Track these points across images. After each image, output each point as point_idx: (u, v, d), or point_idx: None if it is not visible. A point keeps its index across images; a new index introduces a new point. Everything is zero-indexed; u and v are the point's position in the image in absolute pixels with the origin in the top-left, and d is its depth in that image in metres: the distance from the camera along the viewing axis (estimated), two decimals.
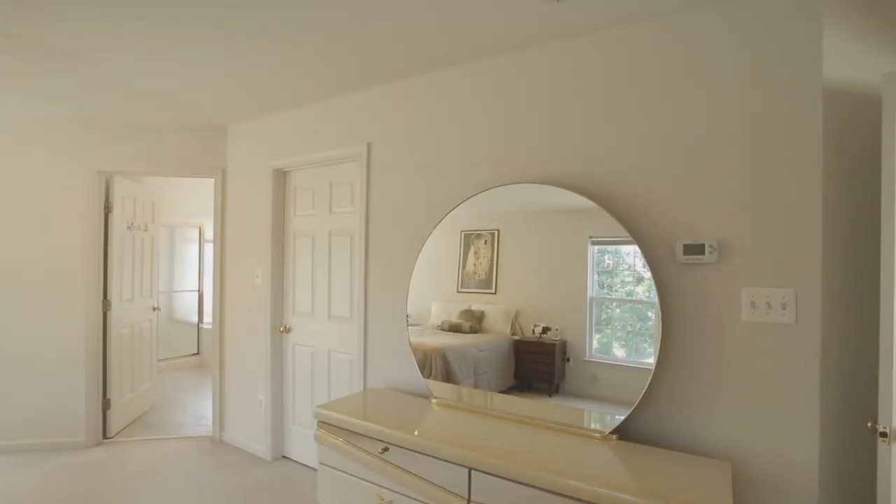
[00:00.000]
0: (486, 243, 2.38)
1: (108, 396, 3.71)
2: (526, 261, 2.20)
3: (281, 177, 3.35)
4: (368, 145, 2.77)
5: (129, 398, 3.97)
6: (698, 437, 1.79)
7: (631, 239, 1.89)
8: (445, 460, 1.78)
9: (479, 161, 2.36)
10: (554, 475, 1.53)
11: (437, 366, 2.41)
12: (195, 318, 6.11)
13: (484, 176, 2.34)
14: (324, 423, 2.22)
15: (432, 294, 2.50)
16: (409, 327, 2.53)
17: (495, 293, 2.30)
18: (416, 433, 1.90)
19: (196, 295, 6.14)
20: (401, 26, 2.06)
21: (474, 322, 2.40)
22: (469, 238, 2.45)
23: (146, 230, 4.19)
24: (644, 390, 1.81)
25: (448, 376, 2.39)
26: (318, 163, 3.08)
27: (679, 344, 1.83)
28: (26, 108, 3.29)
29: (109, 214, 3.67)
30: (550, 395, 2.12)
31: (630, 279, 1.94)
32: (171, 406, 4.55)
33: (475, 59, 2.37)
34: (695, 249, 1.76)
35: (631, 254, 1.93)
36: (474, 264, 2.42)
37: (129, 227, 3.90)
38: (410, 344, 2.47)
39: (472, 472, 1.72)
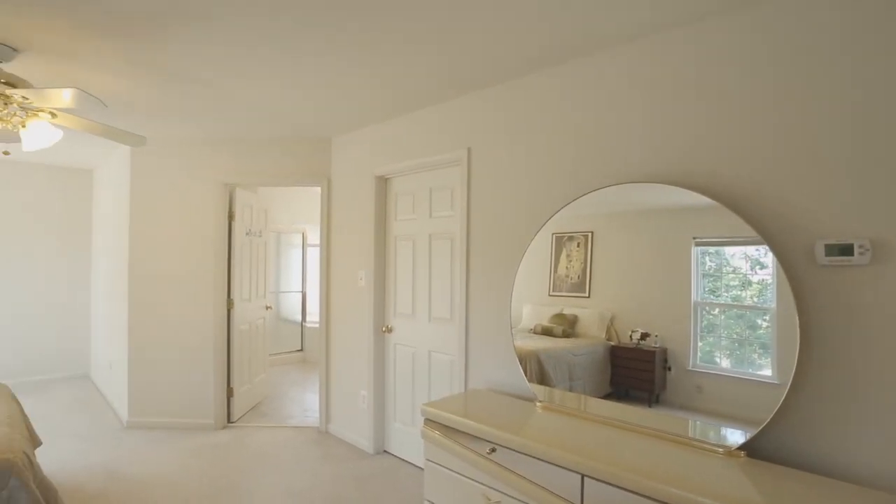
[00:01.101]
0: (578, 246, 2.33)
1: (231, 385, 4.11)
2: (622, 263, 2.12)
3: (382, 183, 3.51)
4: (468, 150, 2.82)
5: (247, 388, 4.36)
6: (849, 463, 1.60)
7: (749, 239, 1.75)
8: (556, 465, 1.76)
9: (582, 162, 2.32)
10: (682, 490, 1.45)
11: (531, 369, 2.40)
12: (299, 317, 6.59)
13: (588, 177, 2.29)
14: (430, 421, 2.29)
15: (524, 297, 2.49)
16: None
17: (588, 297, 2.25)
18: (524, 435, 1.90)
19: (300, 296, 6.61)
20: (502, 28, 2.08)
21: (566, 326, 2.36)
22: (560, 241, 2.41)
23: (260, 236, 4.59)
24: (778, 406, 1.66)
25: (542, 379, 2.37)
26: (419, 169, 3.19)
27: (822, 355, 1.66)
28: (168, 131, 3.75)
29: (232, 222, 4.08)
30: (650, 405, 2.02)
31: (736, 283, 1.81)
32: (280, 397, 4.93)
33: (578, 57, 2.33)
34: (840, 250, 1.59)
35: (737, 255, 1.79)
36: (566, 267, 2.38)
37: (247, 234, 4.30)
38: (515, 347, 2.47)
39: (586, 478, 1.68)
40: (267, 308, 4.77)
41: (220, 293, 3.99)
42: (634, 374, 2.09)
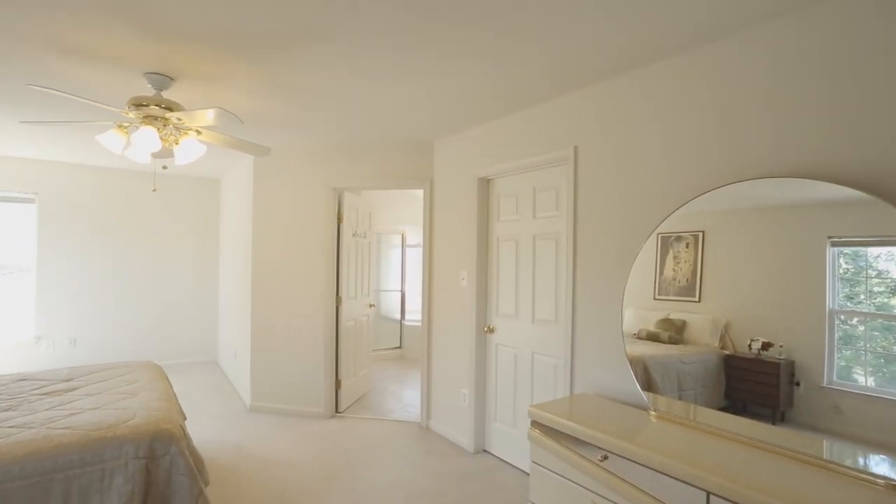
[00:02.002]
0: (687, 246, 2.18)
1: (339, 378, 4.39)
2: (738, 266, 1.94)
3: (485, 185, 3.55)
4: (575, 149, 2.75)
5: (352, 381, 4.63)
6: None
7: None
8: (678, 479, 1.66)
9: (700, 158, 2.16)
10: None
11: (637, 375, 2.29)
12: (398, 316, 6.86)
13: (707, 174, 2.13)
14: (537, 424, 2.27)
15: (626, 300, 2.39)
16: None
17: (699, 301, 2.09)
18: (640, 444, 1.81)
19: (399, 294, 6.88)
20: (610, 23, 2.01)
21: (674, 332, 2.22)
22: (667, 241, 2.27)
23: (365, 237, 4.85)
24: None
25: (649, 387, 2.26)
26: (522, 169, 3.18)
27: None
28: (287, 141, 4.10)
29: (340, 224, 4.35)
30: (774, 423, 1.83)
31: (882, 289, 1.58)
32: (381, 392, 5.16)
33: (695, 46, 2.18)
34: None
35: (882, 257, 1.56)
36: (673, 269, 2.23)
37: (353, 235, 4.57)
38: (626, 352, 2.37)
39: (711, 496, 1.57)
40: (370, 306, 5.02)
41: (330, 291, 4.28)
42: (754, 387, 1.92)
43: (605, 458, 1.93)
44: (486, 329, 3.50)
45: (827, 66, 1.78)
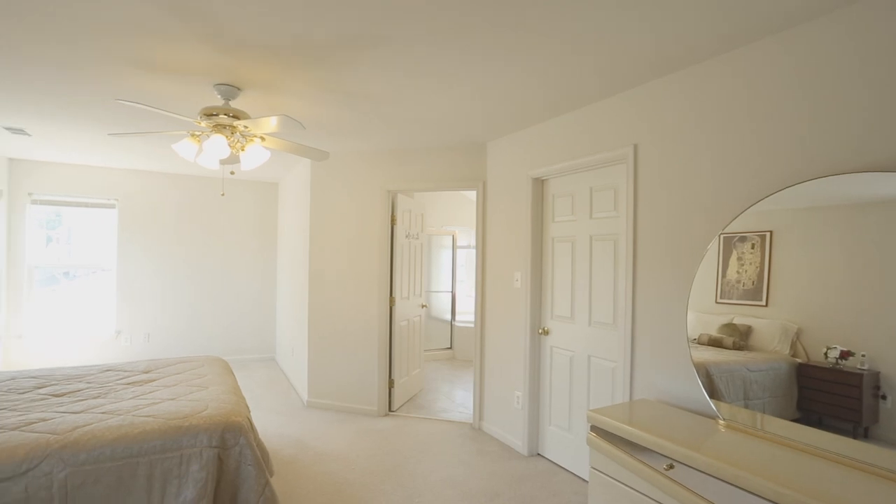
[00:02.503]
0: (753, 247, 2.06)
1: (392, 377, 4.47)
2: (815, 267, 1.81)
3: (539, 185, 3.51)
4: (635, 147, 2.67)
5: (405, 380, 4.70)
6: None
7: None
8: (754, 493, 1.57)
9: (773, 154, 2.04)
10: None
11: (700, 382, 2.19)
12: (448, 316, 6.90)
13: (781, 170, 2.01)
14: (597, 429, 2.21)
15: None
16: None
17: (766, 306, 1.98)
18: (710, 454, 1.73)
19: (449, 295, 6.92)
20: (671, 14, 1.93)
21: (738, 337, 2.10)
22: (730, 242, 2.15)
23: (417, 238, 4.92)
24: None
25: (712, 394, 2.16)
26: (577, 169, 3.12)
27: None
28: (343, 145, 4.22)
29: (394, 225, 4.43)
30: (855, 437, 1.69)
31: None
32: (433, 392, 5.21)
33: (770, 35, 2.06)
34: None
35: None
36: (737, 272, 2.12)
37: (406, 236, 4.64)
38: (692, 358, 2.27)
39: None
40: (422, 306, 5.08)
41: (384, 291, 4.36)
42: (832, 399, 1.78)
43: (671, 467, 1.86)
44: (540, 331, 3.46)
45: None
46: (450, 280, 6.95)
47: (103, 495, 2.02)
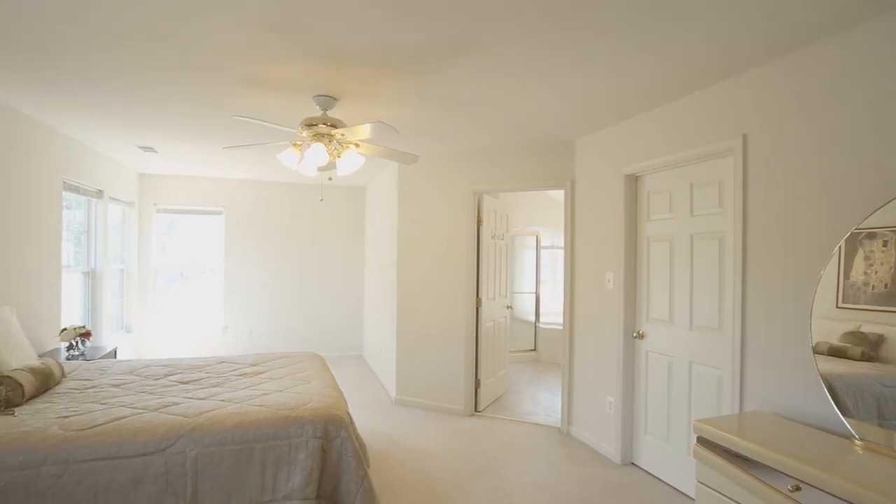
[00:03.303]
0: (885, 245, 1.81)
1: (478, 377, 4.49)
2: None
3: (632, 182, 3.35)
4: (744, 137, 2.46)
5: (491, 381, 4.70)
6: None
7: None
8: None
9: None
10: None
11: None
12: (532, 318, 6.80)
13: None
14: (705, 441, 2.07)
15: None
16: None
17: None
18: (847, 478, 1.55)
19: (533, 296, 6.83)
20: None
21: (867, 347, 1.86)
22: (854, 239, 1.91)
23: (503, 239, 4.90)
24: None
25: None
26: (675, 164, 2.94)
27: None
28: (430, 147, 4.31)
29: (480, 226, 4.45)
30: None
31: None
32: (518, 393, 5.16)
33: None
34: None
35: None
36: (864, 273, 1.87)
37: (492, 237, 4.64)
38: (818, 369, 2.05)
39: None
40: (508, 307, 5.06)
41: (470, 292, 4.40)
42: None
43: (798, 488, 1.69)
44: (634, 334, 3.30)
45: None
46: (533, 281, 6.85)
47: (225, 475, 2.23)
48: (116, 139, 4.27)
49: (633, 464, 3.33)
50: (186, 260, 6.48)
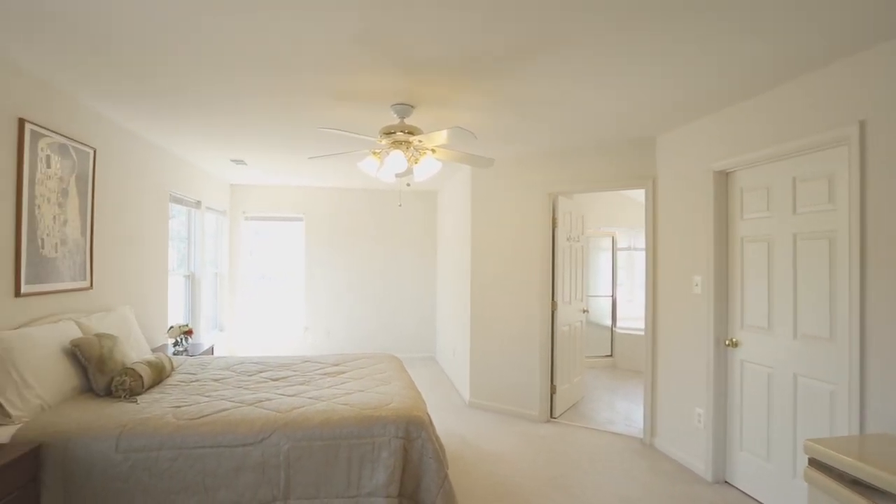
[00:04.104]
0: None
1: (554, 383, 4.39)
2: None
3: (722, 178, 3.13)
4: (861, 124, 2.21)
5: (567, 387, 4.57)
6: None
7: None
8: None
9: None
10: None
11: None
12: (608, 322, 6.56)
13: None
14: (818, 463, 1.87)
15: None
16: None
17: None
18: None
19: (609, 300, 6.58)
20: None
21: None
22: None
23: (578, 241, 4.77)
24: None
25: None
26: (774, 157, 2.71)
27: None
28: (505, 149, 4.29)
29: (555, 229, 4.36)
30: None
31: None
32: (594, 401, 4.98)
33: None
34: None
35: None
36: None
37: (567, 239, 4.53)
38: None
39: None
40: (584, 311, 4.91)
41: (546, 295, 4.32)
42: None
43: None
44: (726, 342, 3.08)
45: None
46: (609, 284, 6.59)
47: (314, 468, 2.34)
48: (213, 154, 4.65)
49: (726, 482, 3.10)
50: (271, 264, 6.91)
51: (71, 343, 2.63)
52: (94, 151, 3.26)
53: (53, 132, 2.84)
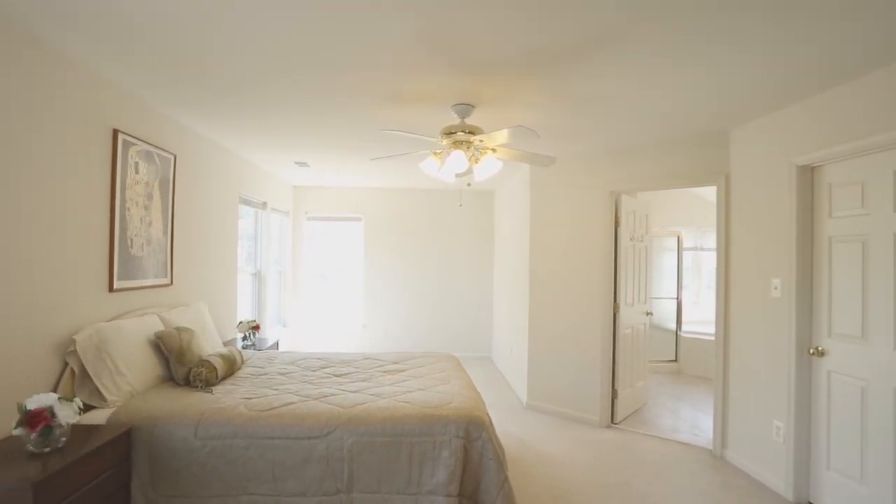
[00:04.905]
0: None
1: (615, 387, 4.24)
2: None
3: (807, 174, 2.90)
4: None
5: (629, 392, 4.41)
6: None
7: None
8: None
9: None
10: None
11: None
12: (673, 325, 6.26)
13: None
14: None
15: None
16: None
17: None
18: None
19: (674, 302, 6.28)
20: None
21: None
22: None
23: (641, 241, 4.58)
24: None
25: None
26: (873, 149, 2.46)
27: None
28: (564, 148, 4.19)
29: (618, 228, 4.21)
30: None
31: None
32: (658, 407, 4.77)
33: None
34: None
35: None
36: None
37: (630, 239, 4.36)
38: None
39: None
40: (647, 314, 4.71)
41: (607, 296, 4.18)
42: None
43: None
44: (811, 351, 2.84)
45: None
46: (674, 285, 6.29)
47: (377, 464, 2.38)
48: (278, 157, 4.86)
49: (810, 503, 2.87)
50: (331, 263, 7.14)
51: (155, 335, 2.84)
52: (175, 157, 3.49)
53: (141, 140, 3.07)
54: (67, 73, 2.44)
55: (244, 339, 4.41)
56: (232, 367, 3.12)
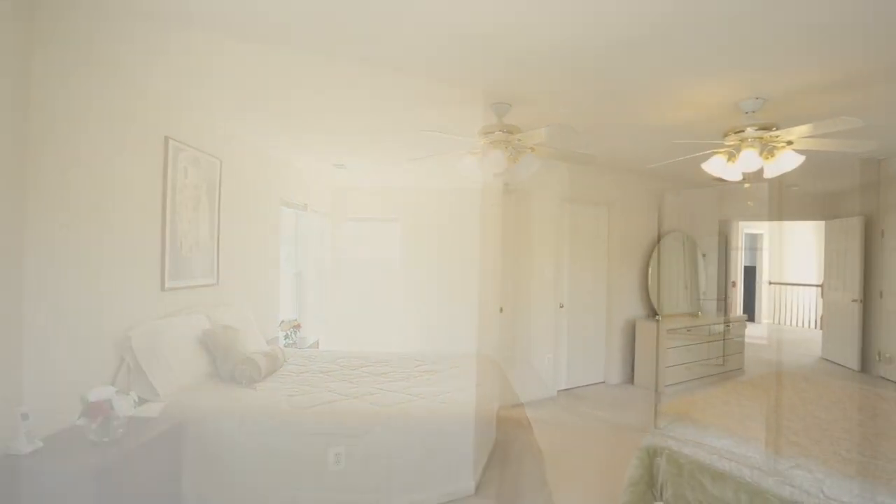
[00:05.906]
0: None
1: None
2: None
3: None
4: None
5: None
6: None
7: None
8: None
9: None
10: None
11: None
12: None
13: None
14: None
15: None
16: None
17: None
18: None
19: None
20: None
21: None
22: None
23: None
24: None
25: None
26: None
27: None
28: (601, 147, 4.09)
29: (660, 226, 4.08)
30: None
31: None
32: None
33: None
34: None
35: None
36: None
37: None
38: None
39: None
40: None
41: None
42: None
43: None
44: None
45: None
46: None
47: (416, 461, 2.40)
48: (317, 159, 4.97)
49: None
50: (368, 264, 7.24)
51: (203, 333, 2.95)
52: (221, 162, 3.62)
53: (190, 147, 3.19)
54: (126, 86, 2.58)
55: (286, 337, 4.53)
56: (274, 364, 3.20)
